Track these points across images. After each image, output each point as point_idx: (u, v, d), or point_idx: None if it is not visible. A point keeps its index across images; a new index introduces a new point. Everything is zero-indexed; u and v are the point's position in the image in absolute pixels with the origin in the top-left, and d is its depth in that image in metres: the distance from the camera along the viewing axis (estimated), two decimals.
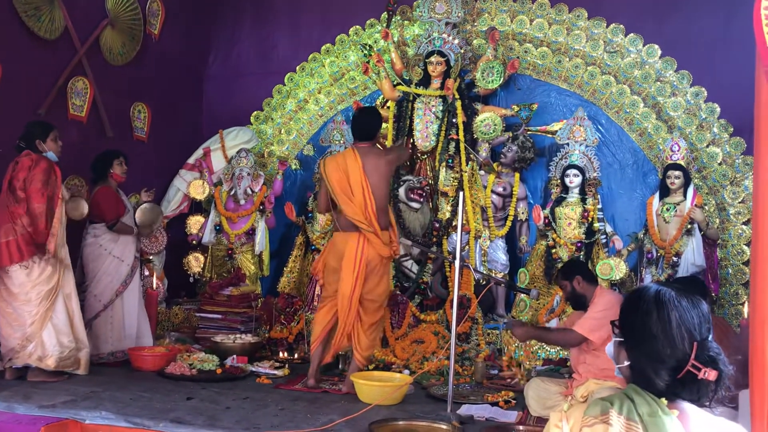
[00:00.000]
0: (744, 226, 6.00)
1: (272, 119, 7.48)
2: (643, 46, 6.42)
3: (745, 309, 5.12)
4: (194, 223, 6.84)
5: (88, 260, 5.25)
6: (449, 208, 6.34)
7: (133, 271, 5.43)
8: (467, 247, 6.26)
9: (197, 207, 7.04)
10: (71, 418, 3.65)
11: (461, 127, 6.40)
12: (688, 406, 1.55)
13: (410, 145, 6.52)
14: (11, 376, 4.54)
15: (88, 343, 4.79)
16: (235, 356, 5.27)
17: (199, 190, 6.87)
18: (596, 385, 3.76)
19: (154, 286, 6.00)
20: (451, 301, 5.80)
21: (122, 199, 5.48)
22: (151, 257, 6.14)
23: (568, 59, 6.62)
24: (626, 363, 1.63)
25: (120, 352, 5.25)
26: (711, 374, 1.52)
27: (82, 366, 4.71)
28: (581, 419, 1.54)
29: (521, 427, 3.84)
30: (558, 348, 5.46)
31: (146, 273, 6.02)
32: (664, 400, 1.52)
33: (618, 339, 1.66)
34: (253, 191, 6.81)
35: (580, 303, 4.11)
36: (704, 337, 1.56)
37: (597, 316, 3.87)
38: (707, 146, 6.18)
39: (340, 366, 5.27)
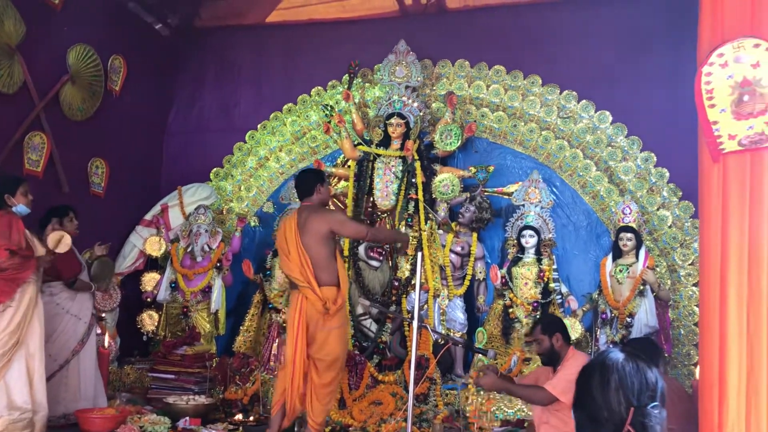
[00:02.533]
0: (694, 288, 6.15)
1: (232, 176, 7.49)
2: (595, 112, 6.66)
3: (697, 370, 5.21)
4: (149, 280, 6.74)
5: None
6: (408, 267, 6.38)
7: (90, 330, 5.31)
8: (426, 306, 6.28)
9: (153, 264, 6.95)
10: None
11: (420, 187, 6.50)
12: None
13: (370, 204, 6.58)
14: None
15: (47, 407, 4.60)
16: (188, 418, 5.14)
17: (155, 247, 6.79)
18: None
19: (106, 344, 5.85)
20: (410, 361, 5.82)
21: (77, 255, 5.38)
22: (104, 315, 6.00)
23: (523, 124, 6.82)
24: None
25: (72, 415, 5.06)
26: None
27: (37, 430, 4.51)
28: None
29: None
30: (516, 409, 5.46)
31: (98, 331, 5.86)
32: None
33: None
34: (210, 248, 6.76)
35: (552, 360, 4.09)
36: (643, 404, 1.59)
37: (570, 378, 3.84)
38: (657, 209, 6.37)
39: (296, 429, 5.17)
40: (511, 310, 6.16)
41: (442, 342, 5.98)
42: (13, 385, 4.43)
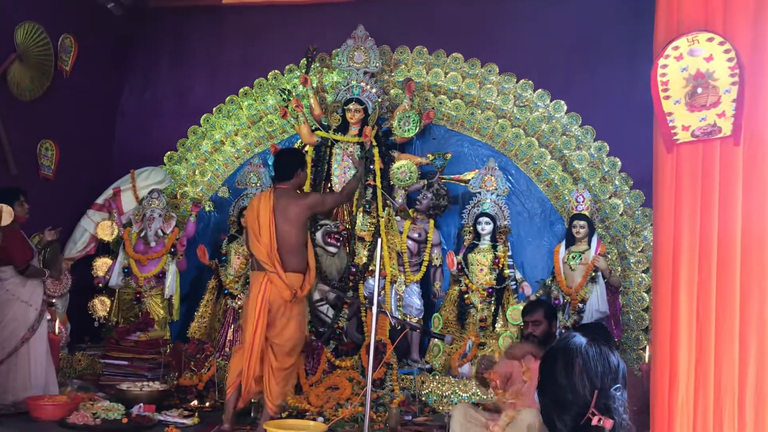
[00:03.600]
0: (644, 274, 6.32)
1: (186, 160, 7.37)
2: (550, 101, 6.75)
3: (646, 354, 5.37)
4: (101, 265, 6.61)
5: None
6: (366, 253, 6.40)
7: (41, 317, 5.17)
8: (383, 291, 6.31)
9: (105, 249, 6.81)
10: None
11: (378, 173, 6.51)
12: None
13: (328, 190, 6.56)
14: None
15: None
16: (142, 405, 5.06)
17: (107, 231, 6.66)
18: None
19: (57, 330, 5.74)
20: (367, 346, 5.84)
21: (28, 241, 5.24)
22: (54, 300, 5.87)
23: (480, 111, 6.87)
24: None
25: (21, 403, 4.94)
26: (606, 422, 1.60)
27: None
28: None
29: None
30: (471, 393, 5.56)
31: (48, 317, 5.72)
32: None
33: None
34: (164, 233, 6.66)
35: (545, 342, 4.17)
36: (605, 386, 1.64)
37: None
38: (609, 198, 6.52)
39: (252, 414, 5.16)
40: (466, 295, 6.24)
41: (399, 327, 6.04)
42: None
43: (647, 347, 5.77)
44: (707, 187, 2.59)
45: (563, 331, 5.94)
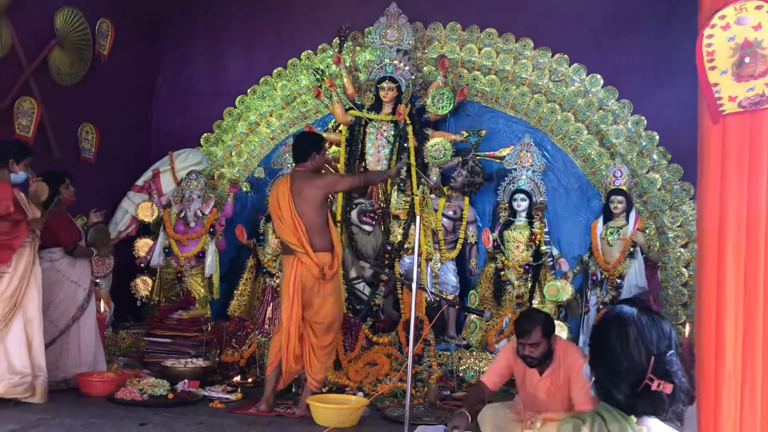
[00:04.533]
0: (682, 249, 6.26)
1: (223, 141, 7.46)
2: (586, 75, 6.68)
3: (686, 329, 5.34)
4: (142, 245, 6.74)
5: (43, 286, 5.02)
6: (401, 231, 6.43)
7: (90, 296, 5.33)
8: (419, 269, 6.33)
9: (145, 229, 6.94)
10: None
11: (412, 151, 6.51)
12: (655, 423, 1.64)
13: (362, 169, 6.59)
14: None
15: (46, 371, 4.64)
16: (186, 381, 5.19)
17: (148, 212, 6.78)
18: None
19: (102, 310, 5.87)
20: (404, 323, 5.91)
21: (75, 222, 5.37)
22: (98, 281, 6.01)
23: (515, 87, 6.83)
24: (593, 379, 1.72)
25: (72, 379, 5.10)
26: (666, 387, 1.61)
27: (38, 394, 4.55)
28: None
29: None
30: None
31: None
32: (633, 418, 1.61)
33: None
34: (203, 213, 6.77)
35: (543, 360, 3.84)
36: (662, 352, 1.65)
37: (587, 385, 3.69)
38: (647, 172, 6.45)
39: (293, 389, 5.25)
40: (502, 272, 6.25)
41: (435, 305, 6.08)
42: (12, 350, 4.46)
43: (686, 322, 5.73)
44: (755, 158, 2.55)
45: (601, 307, 5.93)
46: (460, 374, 5.77)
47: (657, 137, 6.47)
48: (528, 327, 3.79)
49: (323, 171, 6.40)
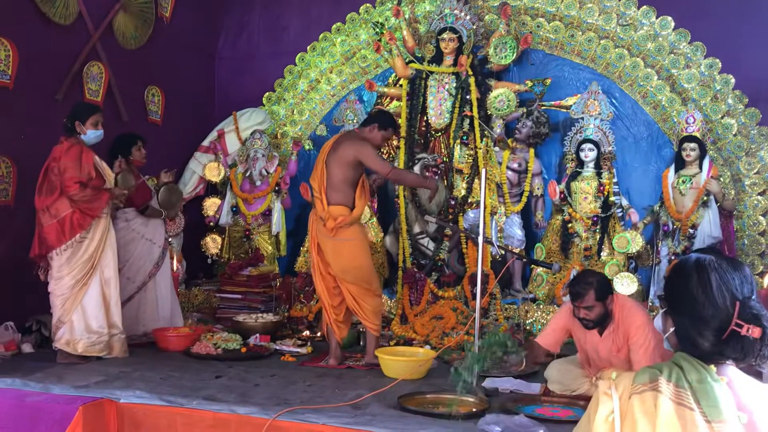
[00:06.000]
0: (759, 197, 6.02)
1: (284, 100, 7.49)
2: (656, 18, 6.39)
3: (765, 280, 5.15)
4: (210, 205, 6.89)
5: (120, 244, 5.16)
6: (464, 185, 6.36)
7: (164, 253, 5.52)
8: (484, 223, 6.28)
9: (213, 189, 7.09)
10: (106, 397, 3.71)
11: (475, 103, 6.38)
12: (736, 373, 1.59)
13: (424, 123, 6.53)
14: (60, 359, 4.58)
15: (122, 328, 4.83)
16: (257, 335, 5.34)
17: (215, 172, 6.91)
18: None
19: (175, 267, 6.06)
20: (469, 277, 5.89)
21: (146, 183, 5.53)
22: (170, 239, 6.19)
23: (580, 33, 6.59)
24: (671, 329, 1.67)
25: (152, 333, 5.31)
26: (755, 331, 1.55)
27: (116, 350, 4.74)
28: (630, 387, 1.57)
29: (545, 398, 3.90)
30: None
31: None
32: (713, 367, 1.56)
33: (664, 310, 1.70)
34: (268, 172, 6.86)
35: (600, 323, 3.84)
36: (746, 296, 1.59)
37: (653, 342, 3.68)
38: (722, 118, 6.17)
39: (361, 342, 5.34)
40: (570, 225, 6.13)
41: (500, 259, 6.04)
42: (89, 310, 4.65)
43: (765, 273, 5.53)
44: None
45: (673, 258, 5.78)
46: (527, 327, 5.74)
47: (733, 80, 6.16)
48: (581, 290, 3.78)
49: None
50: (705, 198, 5.72)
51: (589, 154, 6.11)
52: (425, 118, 6.54)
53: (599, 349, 3.88)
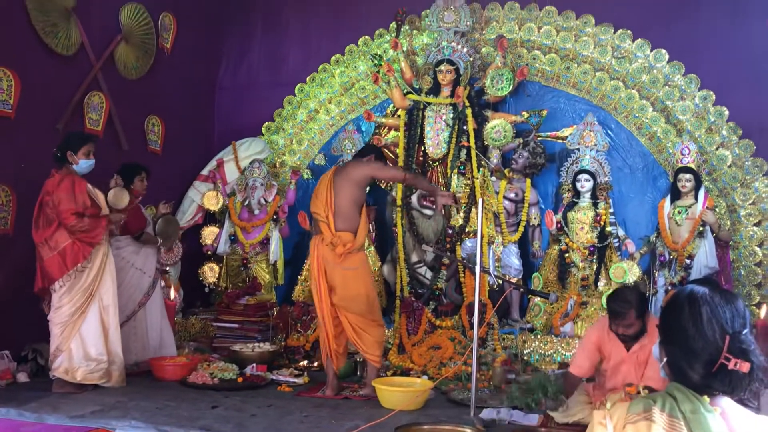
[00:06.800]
0: (755, 228, 6.05)
1: (284, 130, 7.56)
2: (651, 51, 6.49)
3: (762, 310, 5.15)
4: (209, 233, 6.92)
5: None
6: (462, 214, 6.40)
7: (155, 283, 5.52)
8: (481, 253, 6.30)
9: (211, 218, 7.12)
10: (102, 427, 3.71)
11: (472, 134, 6.44)
12: (729, 404, 1.60)
13: (422, 153, 6.58)
14: (55, 388, 4.57)
15: (122, 357, 4.82)
16: (254, 365, 5.32)
17: (213, 201, 6.94)
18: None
19: (172, 296, 6.05)
20: (467, 306, 5.89)
21: (142, 210, 5.55)
22: (167, 268, 6.21)
23: (576, 65, 6.68)
24: (665, 360, 1.68)
25: (144, 362, 5.30)
26: (743, 365, 1.57)
27: (114, 379, 4.74)
28: (624, 416, 1.59)
29: (543, 430, 3.89)
30: (572, 353, 5.51)
31: (162, 284, 6.07)
32: (706, 398, 1.57)
33: (659, 339, 1.72)
34: (266, 201, 6.89)
35: (636, 338, 3.89)
36: (737, 330, 1.61)
37: None
38: (717, 149, 6.23)
39: (358, 372, 5.32)
40: (567, 255, 6.15)
41: (497, 288, 6.05)
42: (87, 338, 4.64)
43: (762, 303, 5.53)
44: None
45: (670, 288, 5.79)
46: (525, 357, 5.73)
47: (727, 112, 6.24)
48: (621, 310, 3.82)
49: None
50: (701, 228, 5.75)
51: (585, 184, 6.15)
52: (423, 148, 6.60)
53: (624, 362, 3.92)
